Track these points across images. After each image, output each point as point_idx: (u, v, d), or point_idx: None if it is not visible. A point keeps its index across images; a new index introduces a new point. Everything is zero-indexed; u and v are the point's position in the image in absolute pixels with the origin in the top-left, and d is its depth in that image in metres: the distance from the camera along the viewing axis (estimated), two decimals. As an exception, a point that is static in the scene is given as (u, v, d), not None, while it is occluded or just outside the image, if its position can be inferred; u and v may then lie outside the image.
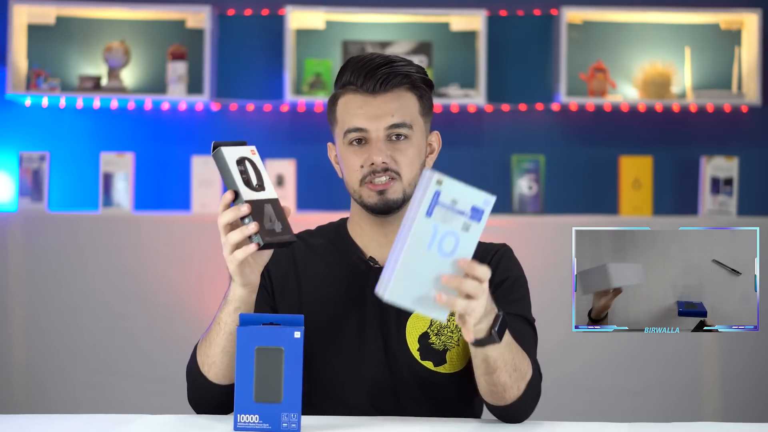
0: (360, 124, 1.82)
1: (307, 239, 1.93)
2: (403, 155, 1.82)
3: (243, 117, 4.18)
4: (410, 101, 1.85)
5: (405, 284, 1.44)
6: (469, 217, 1.45)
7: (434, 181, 1.43)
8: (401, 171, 1.82)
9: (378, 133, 1.82)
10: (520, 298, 1.87)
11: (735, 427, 1.70)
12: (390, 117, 1.82)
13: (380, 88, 1.82)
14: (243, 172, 1.59)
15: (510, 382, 1.67)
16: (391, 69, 1.82)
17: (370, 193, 1.82)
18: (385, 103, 1.82)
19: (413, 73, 1.84)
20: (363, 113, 1.82)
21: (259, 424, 1.57)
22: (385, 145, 1.82)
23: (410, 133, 1.83)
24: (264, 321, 1.59)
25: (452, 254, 1.45)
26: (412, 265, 1.44)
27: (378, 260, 1.87)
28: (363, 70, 1.83)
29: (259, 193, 1.59)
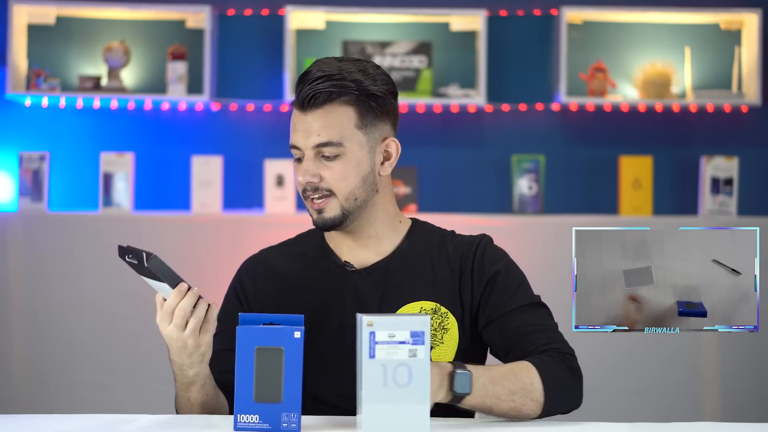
0: (294, 141, 1.83)
1: (284, 250, 1.94)
2: (332, 172, 1.81)
3: (243, 117, 4.18)
4: (342, 116, 1.81)
5: (378, 426, 1.48)
6: (412, 344, 1.48)
7: (365, 324, 1.47)
8: (332, 188, 1.81)
9: (307, 152, 1.82)
10: (518, 287, 1.86)
11: (735, 427, 1.70)
12: (316, 136, 1.80)
13: (309, 104, 1.80)
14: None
15: (516, 405, 1.67)
16: (319, 85, 1.80)
17: (311, 211, 1.84)
18: (314, 120, 1.81)
19: (349, 87, 1.80)
20: (297, 130, 1.83)
21: (259, 424, 1.57)
22: (314, 164, 1.81)
23: (341, 150, 1.81)
24: (264, 321, 1.59)
25: (410, 383, 1.48)
26: (376, 407, 1.48)
27: (353, 263, 1.88)
28: (299, 85, 1.82)
29: None
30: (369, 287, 1.85)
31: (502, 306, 1.83)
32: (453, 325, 1.84)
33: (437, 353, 1.83)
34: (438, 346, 1.83)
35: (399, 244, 1.90)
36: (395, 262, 1.87)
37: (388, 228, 1.90)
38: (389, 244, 1.89)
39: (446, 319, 1.84)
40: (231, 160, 4.11)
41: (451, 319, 1.84)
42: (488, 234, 1.95)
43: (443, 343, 1.83)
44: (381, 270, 1.87)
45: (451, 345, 1.84)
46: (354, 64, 1.83)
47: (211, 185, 3.92)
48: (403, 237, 1.91)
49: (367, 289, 1.85)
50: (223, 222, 3.84)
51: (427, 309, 1.84)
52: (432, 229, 1.94)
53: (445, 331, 1.84)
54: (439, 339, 1.83)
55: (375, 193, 1.86)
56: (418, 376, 1.49)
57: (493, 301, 1.84)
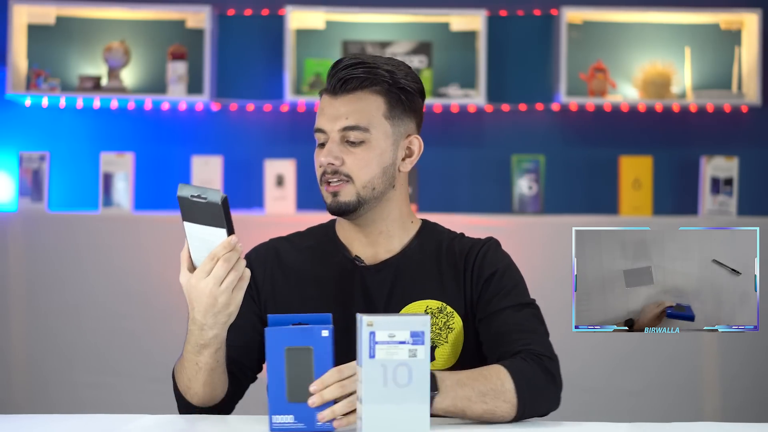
0: (320, 124, 1.85)
1: (294, 241, 1.94)
2: (355, 158, 1.83)
3: (243, 117, 4.18)
4: (373, 104, 1.84)
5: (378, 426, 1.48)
6: (412, 344, 1.48)
7: (365, 324, 1.47)
8: (352, 174, 1.83)
9: (332, 135, 1.83)
10: (512, 288, 1.86)
11: (735, 427, 1.70)
12: (344, 119, 1.82)
13: (341, 89, 1.83)
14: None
15: (489, 407, 1.66)
16: (353, 70, 1.83)
17: (326, 194, 1.85)
18: (344, 104, 1.83)
19: (382, 76, 1.83)
20: (324, 114, 1.85)
21: (294, 424, 1.58)
22: (338, 147, 1.83)
23: (366, 136, 1.83)
24: (293, 321, 1.60)
25: (410, 383, 1.48)
26: (376, 407, 1.48)
27: (363, 258, 1.88)
28: (332, 71, 1.85)
29: None
30: (378, 283, 1.86)
31: (493, 305, 1.83)
32: (458, 325, 1.84)
33: (441, 352, 1.83)
34: (442, 345, 1.83)
35: (408, 243, 1.90)
36: (404, 261, 1.88)
37: (400, 227, 1.91)
38: (398, 242, 1.90)
39: (451, 319, 1.84)
40: (231, 160, 4.11)
41: (457, 319, 1.85)
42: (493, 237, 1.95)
43: (447, 342, 1.84)
44: (390, 267, 1.87)
45: (456, 344, 1.84)
46: (387, 58, 1.88)
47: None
48: (412, 236, 1.92)
49: (375, 285, 1.86)
50: (223, 222, 3.83)
51: (433, 308, 1.85)
52: (442, 231, 1.95)
53: (450, 330, 1.84)
54: (443, 338, 1.84)
55: (392, 188, 1.87)
56: (418, 376, 1.49)
57: (485, 299, 1.85)
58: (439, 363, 1.84)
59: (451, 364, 1.84)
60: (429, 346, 1.49)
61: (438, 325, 1.84)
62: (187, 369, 1.73)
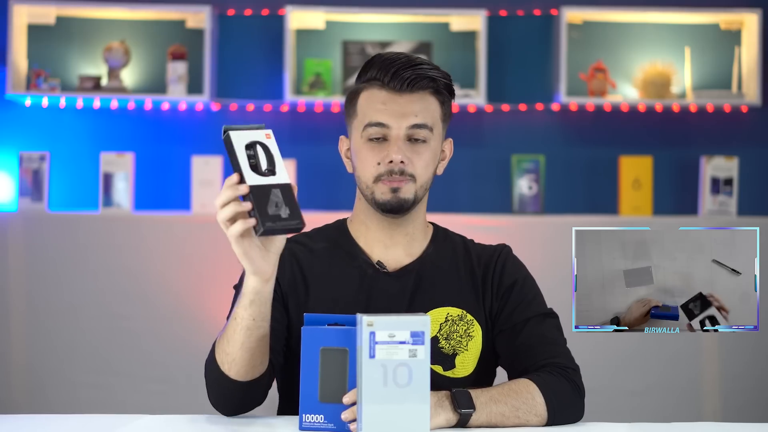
0: (382, 119, 1.81)
1: (307, 243, 1.91)
2: (420, 158, 1.82)
3: (243, 117, 4.18)
4: (433, 105, 1.84)
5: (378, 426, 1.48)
6: (412, 344, 1.48)
7: (365, 324, 1.47)
8: (416, 173, 1.82)
9: (399, 131, 1.81)
10: (533, 297, 1.87)
11: (735, 427, 1.70)
12: (414, 117, 1.81)
13: (407, 87, 1.81)
14: (251, 157, 1.53)
15: (521, 422, 1.68)
16: (420, 70, 1.82)
17: (384, 189, 1.81)
18: (410, 102, 1.82)
19: (439, 78, 1.84)
20: (386, 109, 1.81)
21: (324, 424, 1.58)
22: (404, 144, 1.81)
23: (429, 136, 1.83)
24: (328, 321, 1.59)
25: (410, 383, 1.48)
26: (376, 407, 1.48)
27: (385, 264, 1.87)
28: (391, 68, 1.82)
29: (267, 178, 1.53)
30: (399, 290, 1.85)
31: (515, 316, 1.84)
32: (477, 333, 1.84)
33: (461, 360, 1.83)
34: (462, 353, 1.83)
35: (426, 248, 1.90)
36: (425, 267, 1.87)
37: (422, 230, 1.91)
38: (419, 246, 1.90)
39: (471, 327, 1.84)
40: (231, 160, 4.10)
41: (476, 327, 1.85)
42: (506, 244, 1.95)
43: (468, 350, 1.84)
44: (410, 273, 1.86)
45: (475, 352, 1.84)
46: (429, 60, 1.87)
47: (211, 185, 3.92)
48: (429, 241, 1.91)
49: (396, 291, 1.85)
50: (223, 222, 3.83)
51: (454, 315, 1.84)
52: (453, 236, 1.95)
53: (470, 338, 1.84)
54: (464, 346, 1.83)
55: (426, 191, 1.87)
56: (418, 376, 1.49)
57: (507, 311, 1.85)
58: (459, 371, 1.83)
59: (470, 371, 1.84)
60: (429, 346, 1.49)
61: (459, 333, 1.84)
62: (228, 329, 1.65)
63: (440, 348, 1.82)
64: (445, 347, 1.82)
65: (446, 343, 1.82)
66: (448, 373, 1.82)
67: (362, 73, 1.87)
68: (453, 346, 1.82)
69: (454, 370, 1.82)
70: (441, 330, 1.83)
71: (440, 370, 1.81)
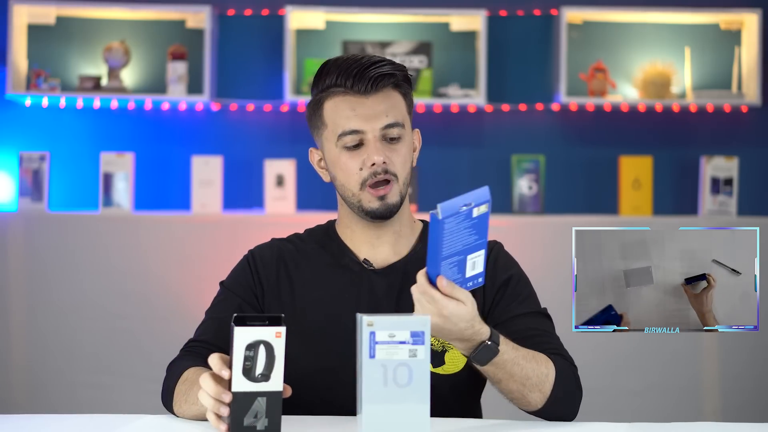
0: (355, 126, 1.81)
1: (297, 244, 1.92)
2: (398, 155, 1.82)
3: (243, 117, 4.18)
4: (398, 100, 1.84)
5: (378, 426, 1.48)
6: (412, 344, 1.48)
7: (365, 324, 1.47)
8: (397, 172, 1.82)
9: (374, 134, 1.81)
10: (528, 295, 1.87)
11: (735, 427, 1.70)
12: (385, 117, 1.81)
13: (371, 88, 1.81)
14: (248, 359, 1.47)
15: (525, 389, 1.67)
16: (379, 69, 1.81)
17: (371, 198, 1.81)
18: (377, 103, 1.81)
19: (397, 72, 1.83)
20: (356, 115, 1.81)
21: None
22: (381, 145, 1.81)
23: (402, 132, 1.83)
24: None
25: (410, 383, 1.48)
26: (376, 407, 1.48)
27: (372, 262, 1.87)
28: (350, 72, 1.81)
29: (256, 384, 1.47)
30: (386, 288, 1.85)
31: (511, 310, 1.83)
32: None
33: (451, 356, 1.83)
34: (452, 349, 1.83)
35: (414, 246, 1.90)
36: (412, 264, 1.87)
37: (409, 227, 1.91)
38: (406, 244, 1.90)
39: None
40: (231, 160, 4.11)
41: None
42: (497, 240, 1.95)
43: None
44: (398, 271, 1.86)
45: None
46: (380, 57, 1.87)
47: (211, 185, 3.92)
48: (417, 238, 1.91)
49: (384, 290, 1.85)
50: (223, 222, 3.84)
51: None
52: None
53: None
54: None
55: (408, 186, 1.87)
56: (419, 376, 1.49)
57: (502, 305, 1.84)
58: (449, 367, 1.83)
59: (460, 368, 1.83)
60: (429, 347, 1.49)
61: None
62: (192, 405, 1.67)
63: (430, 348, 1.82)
64: (434, 344, 1.81)
65: (435, 340, 1.81)
66: (438, 370, 1.81)
67: (319, 82, 1.87)
68: (442, 343, 1.82)
69: (444, 366, 1.82)
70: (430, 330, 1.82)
71: (430, 367, 1.81)
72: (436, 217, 1.50)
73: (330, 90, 1.84)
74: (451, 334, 1.60)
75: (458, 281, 1.58)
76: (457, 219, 1.52)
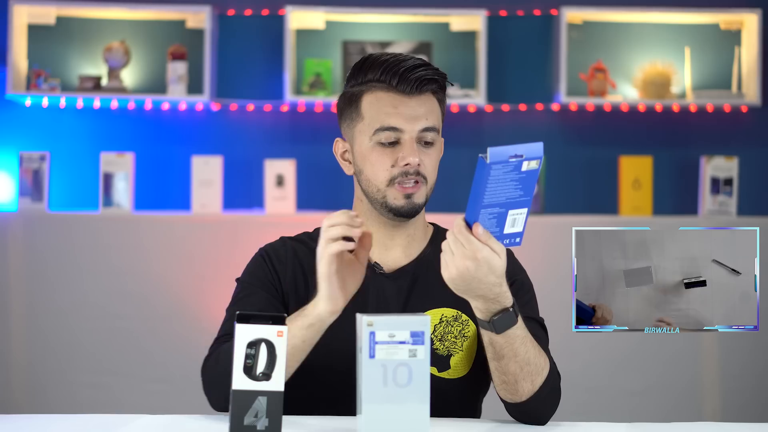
0: (395, 123, 1.80)
1: (309, 243, 1.91)
2: (430, 159, 1.83)
3: (243, 117, 4.18)
4: (436, 106, 1.85)
5: (378, 426, 1.48)
6: (412, 344, 1.48)
7: (365, 324, 1.47)
8: (428, 175, 1.83)
9: (411, 135, 1.80)
10: (528, 301, 1.88)
11: (735, 427, 1.70)
12: (424, 120, 1.81)
13: (415, 90, 1.81)
14: (249, 357, 1.47)
15: (521, 374, 1.67)
16: (424, 72, 1.81)
17: (397, 195, 1.81)
18: (419, 105, 1.81)
19: (440, 79, 1.84)
20: (398, 113, 1.80)
21: None
22: (416, 147, 1.81)
23: (436, 137, 1.84)
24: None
25: (410, 383, 1.48)
26: (376, 407, 1.48)
27: (382, 265, 1.87)
28: (396, 70, 1.81)
29: (257, 383, 1.47)
30: (395, 291, 1.85)
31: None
32: (473, 333, 1.84)
33: (456, 360, 1.83)
34: (457, 353, 1.82)
35: (424, 249, 1.90)
36: (421, 268, 1.87)
37: (423, 231, 1.92)
38: (418, 247, 1.90)
39: (467, 327, 1.83)
40: (231, 160, 4.11)
41: (471, 327, 1.84)
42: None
43: (463, 350, 1.83)
44: (407, 274, 1.86)
45: (470, 352, 1.83)
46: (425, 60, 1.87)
47: (211, 185, 3.92)
48: (428, 242, 1.91)
49: (392, 293, 1.85)
50: (223, 222, 3.84)
51: (449, 316, 1.84)
52: None
53: (465, 339, 1.83)
54: (458, 346, 1.83)
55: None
56: (418, 376, 1.48)
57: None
58: (454, 372, 1.83)
59: (465, 372, 1.83)
60: (429, 347, 1.49)
61: (453, 334, 1.83)
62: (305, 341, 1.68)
63: (435, 349, 1.81)
64: (440, 348, 1.82)
65: (440, 345, 1.82)
66: (443, 375, 1.81)
67: (358, 75, 1.85)
68: (447, 347, 1.82)
69: (449, 371, 1.82)
70: (435, 331, 1.82)
71: (435, 372, 1.81)
72: (484, 161, 1.46)
73: (372, 84, 1.83)
74: (480, 286, 1.58)
75: (495, 234, 1.55)
76: (505, 168, 1.48)
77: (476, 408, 1.90)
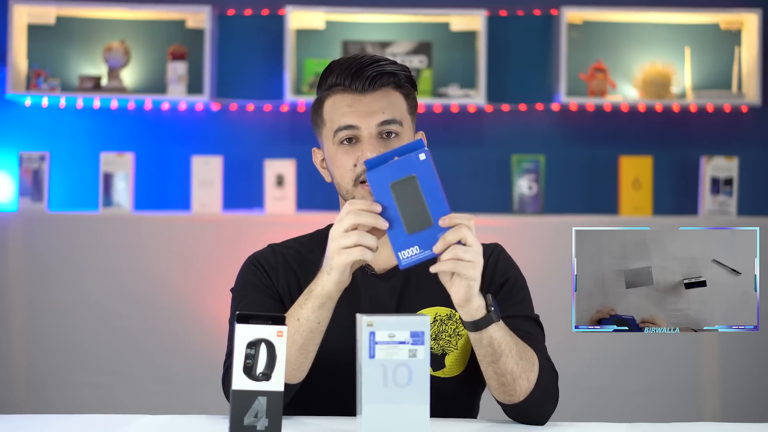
0: (350, 121, 1.81)
1: (299, 249, 1.91)
2: None
3: (243, 117, 4.18)
4: (397, 99, 1.84)
5: (378, 426, 1.48)
6: (412, 344, 1.49)
7: (365, 324, 1.47)
8: None
9: (369, 130, 1.80)
10: (522, 299, 1.87)
11: (735, 427, 1.70)
12: (381, 114, 1.81)
13: (369, 86, 1.81)
14: (249, 357, 1.47)
15: (518, 370, 1.67)
16: (378, 68, 1.81)
17: (364, 194, 1.80)
18: (375, 101, 1.81)
19: (399, 72, 1.84)
20: (352, 111, 1.81)
21: (420, 254, 1.57)
22: (377, 142, 1.80)
23: (400, 130, 1.82)
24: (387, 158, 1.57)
25: (410, 383, 1.48)
26: (376, 407, 1.48)
27: (373, 266, 1.86)
28: (350, 70, 1.82)
29: (257, 383, 1.47)
30: (387, 291, 1.85)
31: (504, 310, 1.82)
32: (466, 332, 1.83)
33: (451, 359, 1.83)
34: (452, 351, 1.82)
35: None
36: (413, 267, 1.87)
37: None
38: None
39: (461, 326, 1.83)
40: (231, 160, 4.11)
41: None
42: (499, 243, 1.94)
43: (457, 348, 1.83)
44: (399, 275, 1.86)
45: (465, 351, 1.83)
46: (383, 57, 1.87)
47: (211, 185, 3.92)
48: None
49: (385, 293, 1.85)
50: (223, 222, 3.84)
51: (442, 315, 1.83)
52: None
53: (459, 337, 1.83)
54: (453, 345, 1.83)
55: None
56: (418, 376, 1.48)
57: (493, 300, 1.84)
58: (450, 370, 1.83)
59: (461, 371, 1.83)
60: (428, 347, 1.49)
61: (448, 333, 1.83)
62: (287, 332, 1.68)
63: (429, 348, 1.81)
64: (434, 347, 1.81)
65: (435, 344, 1.81)
66: (438, 374, 1.81)
67: (322, 82, 1.87)
68: (442, 346, 1.82)
69: (444, 370, 1.82)
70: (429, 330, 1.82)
71: (431, 371, 1.81)
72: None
73: (331, 89, 1.85)
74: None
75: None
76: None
77: (473, 406, 1.90)
